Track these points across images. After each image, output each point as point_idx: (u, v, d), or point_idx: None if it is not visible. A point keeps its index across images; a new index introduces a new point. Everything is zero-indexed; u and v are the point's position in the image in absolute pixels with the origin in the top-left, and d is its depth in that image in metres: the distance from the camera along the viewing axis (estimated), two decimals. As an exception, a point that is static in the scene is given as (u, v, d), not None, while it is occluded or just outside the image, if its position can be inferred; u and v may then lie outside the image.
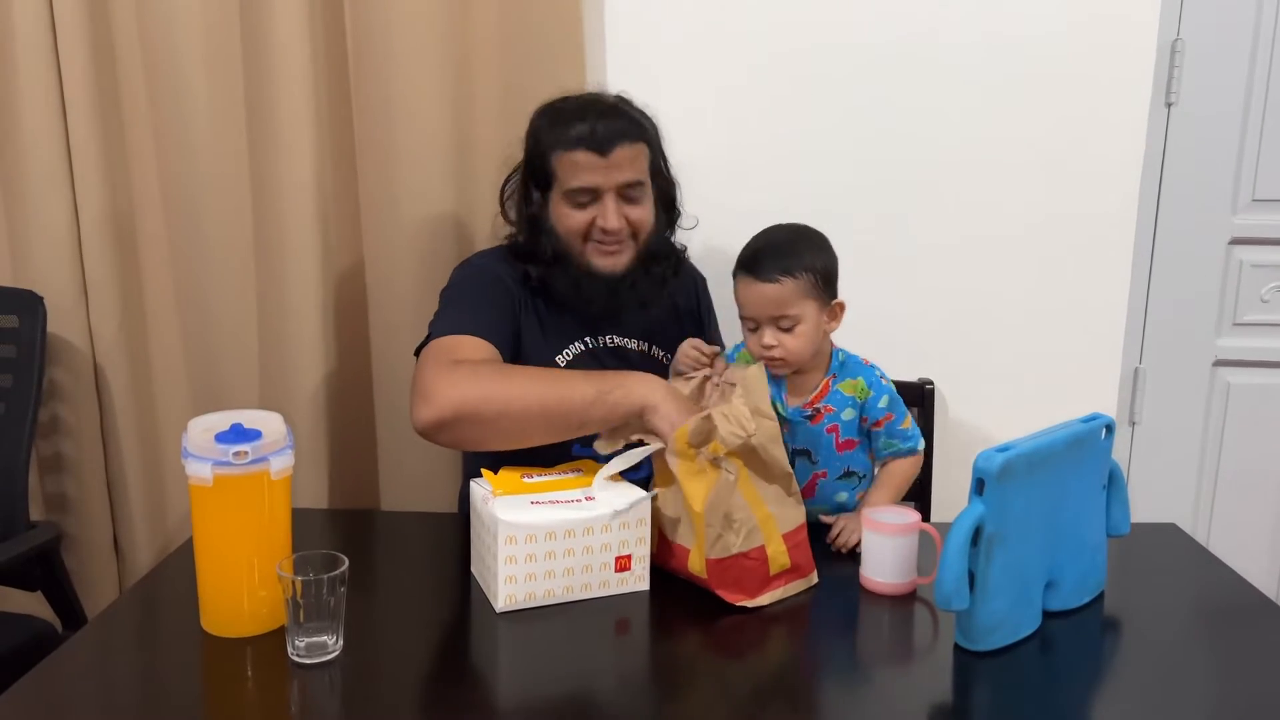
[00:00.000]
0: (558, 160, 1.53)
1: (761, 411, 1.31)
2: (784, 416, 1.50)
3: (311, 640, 1.12)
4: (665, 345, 1.67)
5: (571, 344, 1.60)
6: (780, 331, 1.44)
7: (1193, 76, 2.02)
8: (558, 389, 1.38)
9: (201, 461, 1.14)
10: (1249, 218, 2.09)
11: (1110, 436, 1.29)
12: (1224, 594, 1.36)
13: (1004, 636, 1.19)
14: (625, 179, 1.53)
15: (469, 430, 1.38)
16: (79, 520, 1.97)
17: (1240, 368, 2.15)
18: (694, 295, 1.78)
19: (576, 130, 1.51)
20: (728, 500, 1.27)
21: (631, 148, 1.54)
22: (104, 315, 1.92)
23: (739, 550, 1.27)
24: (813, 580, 1.34)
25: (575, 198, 1.53)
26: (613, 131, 1.51)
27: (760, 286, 1.43)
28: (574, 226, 1.54)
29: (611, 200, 1.53)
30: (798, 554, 1.32)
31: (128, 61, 1.84)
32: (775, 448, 1.31)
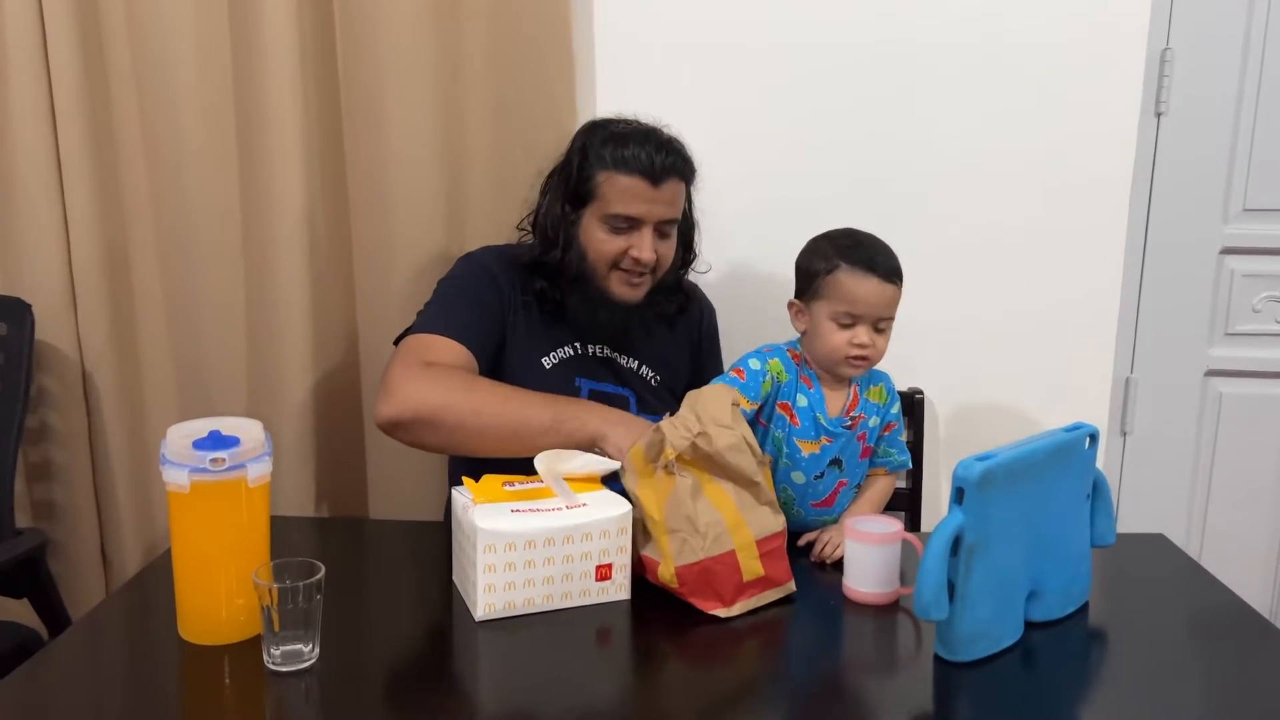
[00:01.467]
0: (606, 179, 1.53)
1: (717, 421, 1.29)
2: (827, 428, 1.52)
3: (287, 648, 1.12)
4: (657, 366, 1.67)
5: (563, 346, 1.61)
6: (875, 333, 1.49)
7: (1183, 86, 2.02)
8: (518, 410, 1.40)
9: (178, 468, 1.13)
10: (1240, 227, 2.08)
11: (1094, 446, 1.29)
12: (1211, 605, 1.35)
13: (985, 647, 1.18)
14: (667, 215, 1.55)
15: (425, 434, 1.41)
16: (66, 527, 1.97)
17: (1232, 378, 2.14)
18: (697, 326, 1.77)
19: (634, 154, 1.51)
20: (689, 504, 1.26)
21: (678, 185, 1.56)
22: (93, 322, 1.92)
23: (706, 555, 1.26)
24: (789, 589, 1.32)
25: (614, 223, 1.53)
26: (669, 165, 1.52)
27: (884, 287, 1.48)
28: (607, 252, 1.54)
29: (649, 233, 1.53)
30: (771, 562, 1.30)
31: (118, 69, 1.84)
32: (735, 455, 1.29)
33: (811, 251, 1.55)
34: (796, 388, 1.53)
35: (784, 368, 1.53)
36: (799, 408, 1.52)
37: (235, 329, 1.91)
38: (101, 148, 1.89)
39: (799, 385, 1.53)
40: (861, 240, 1.52)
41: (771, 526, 1.32)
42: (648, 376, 1.66)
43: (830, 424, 1.52)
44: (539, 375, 1.58)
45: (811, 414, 1.52)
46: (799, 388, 1.53)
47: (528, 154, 1.79)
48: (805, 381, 1.53)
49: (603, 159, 1.53)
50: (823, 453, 1.52)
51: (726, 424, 1.29)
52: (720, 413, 1.30)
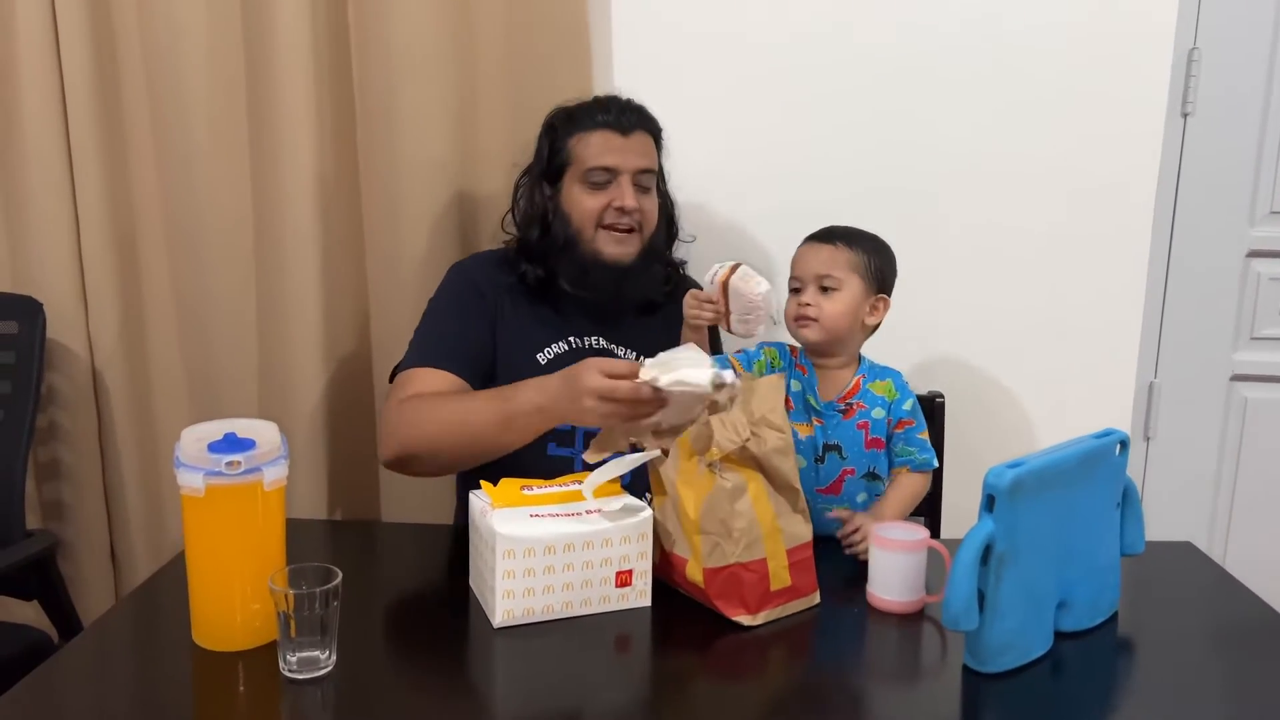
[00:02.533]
0: (577, 143, 1.58)
1: (769, 422, 1.28)
2: (817, 409, 1.55)
3: (303, 655, 1.10)
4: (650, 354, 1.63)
5: (557, 341, 1.61)
6: (819, 293, 1.51)
7: (1210, 86, 1.99)
8: (473, 420, 1.42)
9: (193, 471, 1.11)
10: (1267, 230, 2.05)
11: (1125, 453, 1.26)
12: (1241, 615, 1.33)
13: (1015, 658, 1.15)
14: (642, 164, 1.58)
15: (418, 466, 1.48)
16: (76, 528, 1.96)
17: (1258, 382, 2.11)
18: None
19: (600, 114, 1.58)
20: (725, 508, 1.23)
21: (647, 138, 1.61)
22: (103, 322, 1.91)
23: (737, 560, 1.23)
24: (813, 601, 1.30)
25: (593, 178, 1.56)
26: (634, 119, 1.59)
27: (816, 246, 1.55)
28: (589, 209, 1.57)
29: (628, 181, 1.56)
30: (799, 572, 1.28)
31: (129, 69, 1.83)
32: (780, 459, 1.28)
33: None
34: (791, 375, 1.58)
35: (778, 355, 1.60)
36: (792, 392, 1.57)
37: (246, 329, 1.90)
38: (112, 146, 1.88)
39: (793, 373, 1.58)
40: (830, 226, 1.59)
41: (802, 535, 1.30)
42: None
43: (822, 406, 1.55)
44: (534, 371, 1.55)
45: (803, 397, 1.56)
46: (793, 374, 1.58)
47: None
48: (800, 369, 1.59)
49: (571, 127, 1.59)
50: (816, 434, 1.55)
51: (778, 425, 1.28)
52: (773, 410, 1.28)
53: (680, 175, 1.89)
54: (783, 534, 1.27)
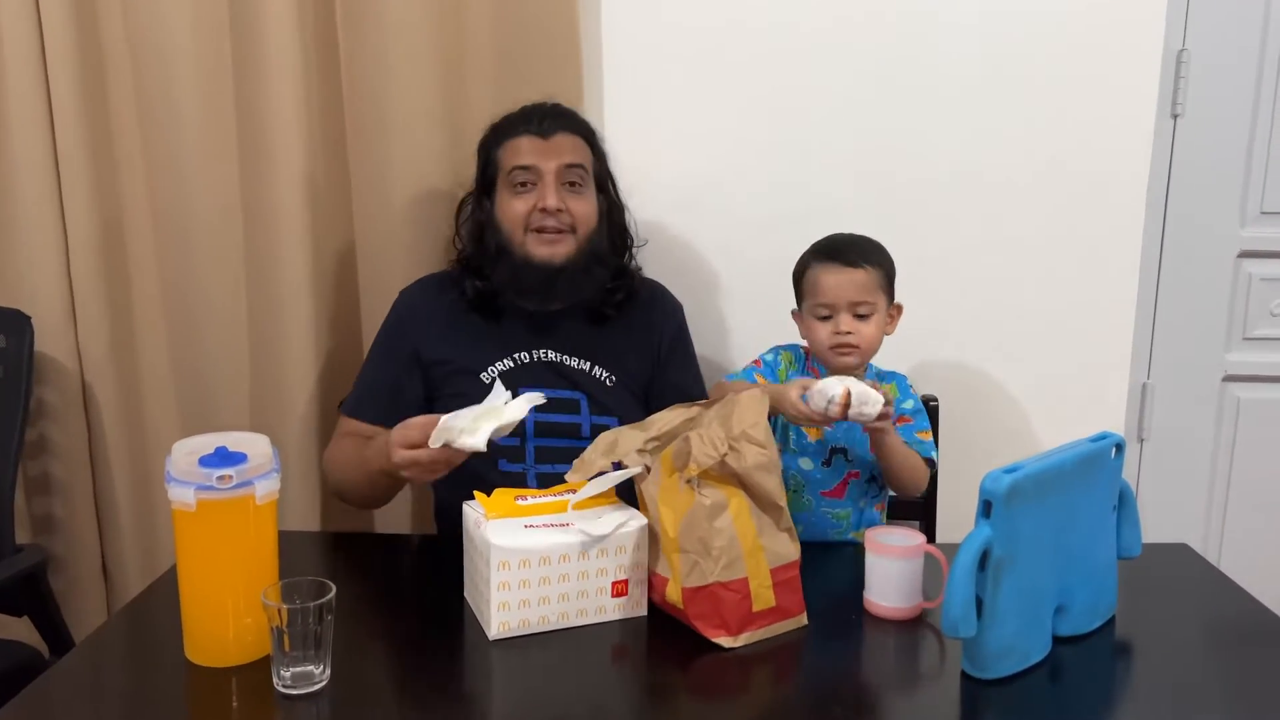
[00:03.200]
0: (502, 151, 1.61)
1: (750, 437, 1.22)
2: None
3: (297, 670, 1.09)
4: (611, 367, 1.64)
5: (502, 358, 1.61)
6: (856, 320, 1.52)
7: (1199, 87, 2.00)
8: (352, 474, 1.57)
9: (184, 486, 1.10)
10: (1258, 230, 2.06)
11: (1120, 456, 1.26)
12: (1238, 617, 1.33)
13: (1013, 663, 1.15)
14: (565, 160, 1.58)
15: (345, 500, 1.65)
16: (66, 543, 1.94)
17: (1250, 382, 2.12)
18: (660, 329, 1.71)
19: (520, 122, 1.61)
20: (704, 525, 1.19)
21: (573, 138, 1.62)
22: (92, 334, 1.89)
23: (716, 579, 1.19)
24: (800, 622, 1.26)
25: (516, 179, 1.58)
26: (556, 123, 1.61)
27: (847, 272, 1.52)
28: (515, 213, 1.58)
29: (551, 180, 1.57)
30: (784, 592, 1.24)
31: (117, 79, 1.82)
32: (763, 475, 1.22)
33: (798, 260, 1.62)
34: (802, 376, 1.58)
35: (793, 358, 1.64)
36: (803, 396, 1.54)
37: (237, 340, 1.89)
38: (100, 157, 1.86)
39: (805, 375, 1.60)
40: (838, 238, 1.59)
41: (787, 555, 1.25)
42: (601, 377, 1.63)
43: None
44: (479, 390, 1.54)
45: None
46: (805, 376, 1.58)
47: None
48: (813, 371, 1.60)
49: (497, 138, 1.63)
50: (826, 438, 1.57)
51: (759, 441, 1.23)
52: (754, 426, 1.23)
53: (668, 175, 1.89)
54: (765, 552, 1.23)
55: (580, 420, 1.61)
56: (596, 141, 1.67)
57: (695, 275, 1.93)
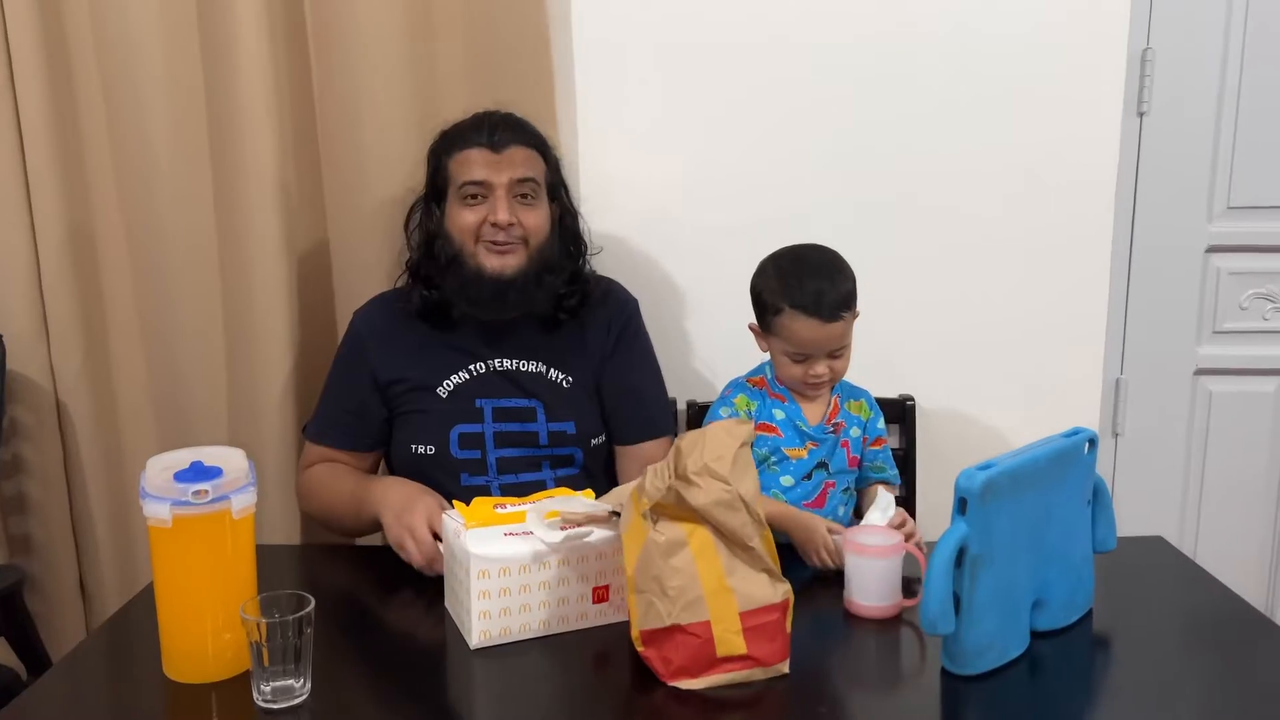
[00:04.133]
0: (453, 163, 1.59)
1: (712, 471, 1.11)
2: (810, 434, 1.56)
3: (278, 684, 1.08)
4: (567, 368, 1.64)
5: (457, 371, 1.61)
6: (831, 359, 1.52)
7: (1164, 85, 2.02)
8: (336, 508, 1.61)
9: (159, 502, 1.10)
10: (1225, 225, 2.08)
11: (1094, 451, 1.27)
12: (1214, 608, 1.34)
13: (992, 659, 1.16)
14: (517, 174, 1.57)
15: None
16: (43, 563, 1.92)
17: (1221, 376, 2.14)
18: (609, 320, 1.69)
19: (471, 132, 1.59)
20: (659, 563, 1.12)
21: (525, 150, 1.60)
22: (65, 351, 1.88)
23: (675, 621, 1.11)
24: (779, 671, 1.15)
25: (467, 192, 1.56)
26: (508, 136, 1.58)
27: (828, 328, 1.49)
28: (466, 225, 1.57)
29: (502, 194, 1.55)
30: (757, 639, 1.13)
31: (85, 92, 1.81)
32: (724, 513, 1.11)
33: (760, 279, 1.57)
34: (769, 406, 1.58)
35: (749, 398, 1.58)
36: (778, 421, 1.57)
37: (213, 354, 1.87)
38: (70, 172, 1.85)
39: (770, 403, 1.58)
40: (805, 268, 1.52)
41: (765, 597, 1.14)
42: (557, 380, 1.63)
43: (813, 430, 1.57)
44: (436, 405, 1.60)
45: (792, 424, 1.57)
46: (771, 405, 1.58)
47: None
48: (778, 398, 1.58)
49: (447, 148, 1.61)
50: (809, 457, 1.56)
51: (722, 475, 1.11)
52: (719, 459, 1.12)
53: (639, 180, 1.89)
54: (735, 594, 1.13)
55: (537, 428, 1.61)
56: (549, 151, 1.65)
57: (665, 281, 1.94)
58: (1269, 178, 2.05)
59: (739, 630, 1.13)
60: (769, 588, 1.15)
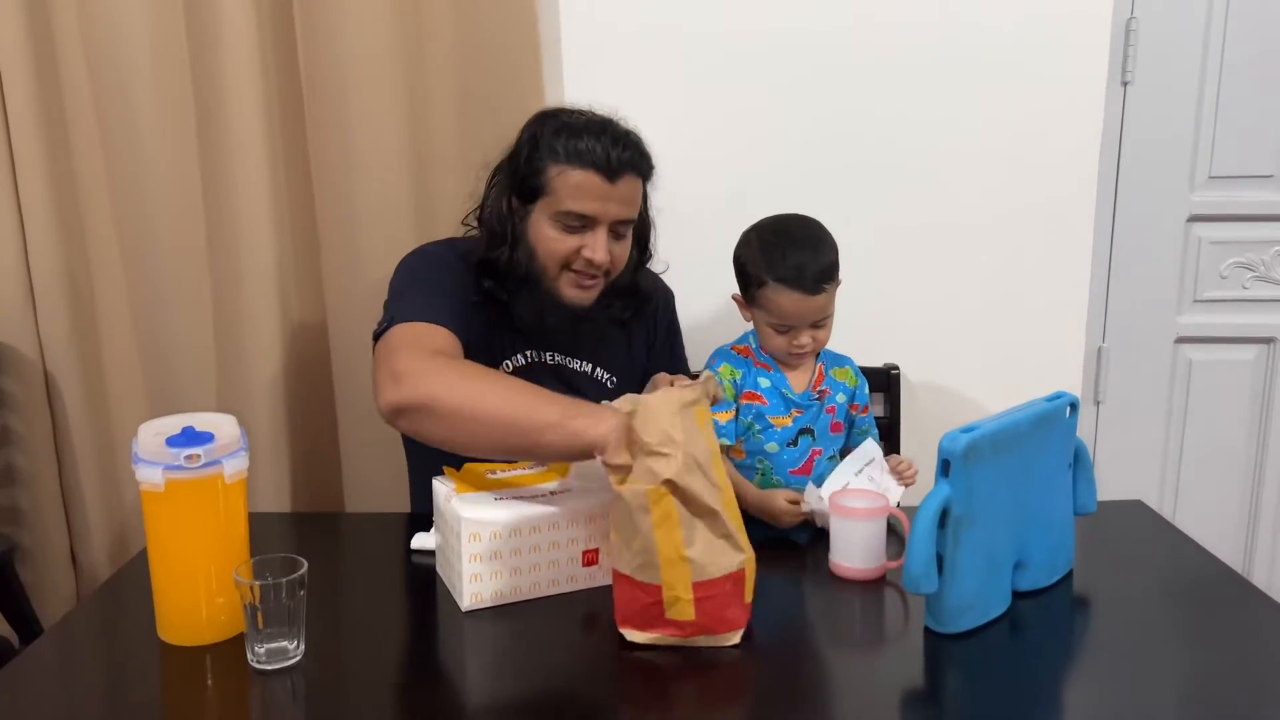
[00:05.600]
0: (558, 175, 1.43)
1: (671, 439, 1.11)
2: (796, 401, 1.57)
3: (272, 646, 1.10)
4: (612, 368, 1.61)
5: (513, 356, 1.54)
6: (814, 329, 1.53)
7: (1148, 55, 2.03)
8: (528, 403, 1.24)
9: (152, 466, 1.10)
10: (1207, 195, 2.10)
11: (1075, 415, 1.29)
12: (1192, 569, 1.37)
13: (974, 618, 1.18)
14: (623, 215, 1.46)
15: (430, 424, 1.28)
16: (33, 533, 1.92)
17: (1202, 344, 2.17)
18: (653, 319, 1.68)
19: (589, 147, 1.41)
20: (627, 520, 1.13)
21: (634, 182, 1.47)
22: (53, 322, 1.88)
23: (629, 573, 1.14)
24: (728, 641, 1.15)
25: (566, 220, 1.43)
26: (625, 160, 1.43)
27: (811, 300, 1.50)
28: (557, 251, 1.45)
29: (604, 233, 1.44)
30: (709, 609, 1.13)
31: (71, 67, 1.80)
32: (690, 478, 1.11)
33: (743, 250, 1.58)
34: (755, 375, 1.59)
35: (733, 367, 1.59)
36: (763, 389, 1.58)
37: (202, 324, 1.87)
38: (57, 144, 1.84)
39: (756, 372, 1.59)
40: (788, 240, 1.52)
41: (722, 566, 1.13)
42: (602, 379, 1.61)
43: (799, 398, 1.58)
44: None
45: (777, 392, 1.58)
46: (757, 373, 1.59)
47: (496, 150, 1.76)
48: (763, 366, 1.59)
49: (554, 151, 1.43)
50: (794, 424, 1.58)
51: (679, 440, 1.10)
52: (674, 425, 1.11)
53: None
54: (691, 565, 1.12)
55: None
56: (652, 175, 1.52)
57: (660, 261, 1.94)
58: (1251, 148, 2.07)
59: (691, 600, 1.12)
60: (728, 554, 1.14)
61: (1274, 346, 2.15)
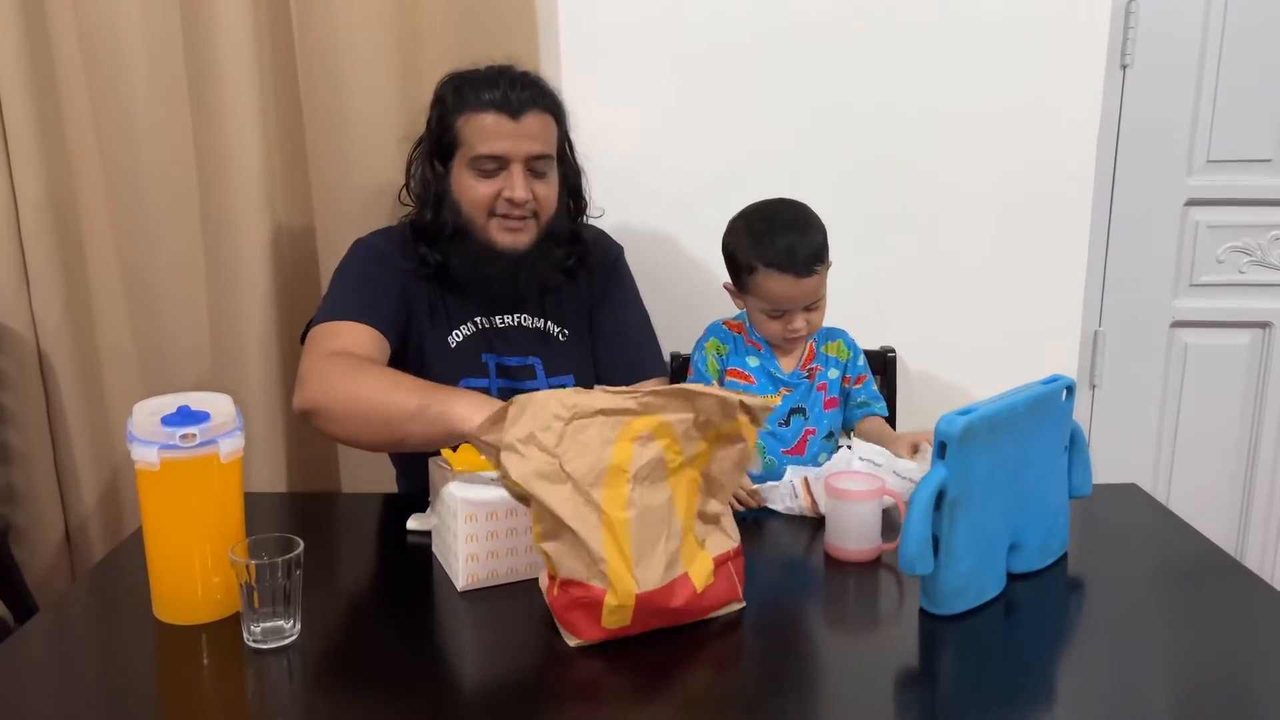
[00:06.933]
0: (465, 124, 1.49)
1: (536, 440, 1.06)
2: (784, 380, 1.58)
3: (268, 625, 1.10)
4: (564, 321, 1.62)
5: (463, 324, 1.56)
6: (807, 312, 1.53)
7: (1147, 38, 2.02)
8: (391, 395, 1.30)
9: (147, 445, 1.10)
10: (1204, 179, 2.10)
11: (1071, 398, 1.29)
12: (1186, 552, 1.37)
13: (969, 600, 1.18)
14: (535, 150, 1.49)
15: (325, 424, 1.36)
16: (28, 512, 1.92)
17: (1197, 328, 2.17)
18: (596, 266, 1.66)
19: (488, 94, 1.47)
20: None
21: (542, 117, 1.50)
22: (47, 301, 1.87)
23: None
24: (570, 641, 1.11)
25: (481, 165, 1.48)
26: (525, 98, 1.48)
27: (802, 283, 1.50)
28: (478, 198, 1.49)
29: (519, 170, 1.48)
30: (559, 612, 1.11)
31: (63, 42, 1.79)
32: (546, 487, 1.05)
33: (731, 238, 1.58)
34: (743, 352, 1.60)
35: (721, 341, 1.60)
36: (751, 368, 1.59)
37: (196, 302, 1.87)
38: (49, 123, 1.83)
39: (745, 349, 1.60)
40: (776, 225, 1.53)
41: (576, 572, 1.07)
42: (554, 333, 1.61)
43: (787, 377, 1.59)
44: (446, 355, 1.54)
45: (765, 371, 1.59)
46: (745, 351, 1.60)
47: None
48: (753, 344, 1.60)
49: (459, 104, 1.49)
50: (784, 403, 1.59)
51: (548, 445, 1.06)
52: (546, 430, 1.06)
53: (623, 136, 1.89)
54: (549, 562, 1.10)
55: (537, 385, 1.59)
56: (562, 113, 1.56)
57: (644, 232, 1.94)
58: (1248, 132, 2.07)
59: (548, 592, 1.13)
60: (590, 571, 1.07)
61: (1270, 331, 2.16)
